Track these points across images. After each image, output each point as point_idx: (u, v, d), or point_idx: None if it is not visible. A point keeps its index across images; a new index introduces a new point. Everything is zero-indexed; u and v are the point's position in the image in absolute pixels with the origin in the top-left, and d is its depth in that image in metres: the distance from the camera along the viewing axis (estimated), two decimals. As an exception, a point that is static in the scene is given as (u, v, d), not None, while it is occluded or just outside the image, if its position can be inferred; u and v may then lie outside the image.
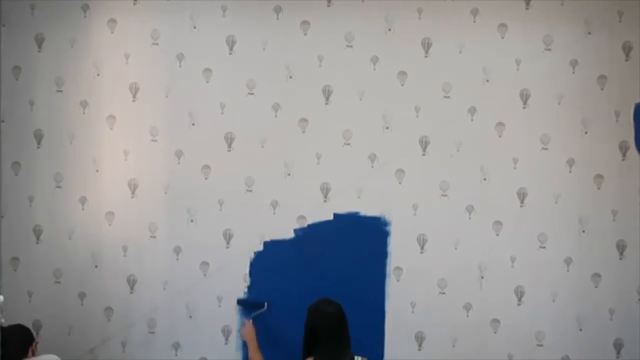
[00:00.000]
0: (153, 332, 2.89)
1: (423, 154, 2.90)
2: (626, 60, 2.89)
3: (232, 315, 2.87)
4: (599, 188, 2.88)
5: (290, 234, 2.89)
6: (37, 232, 2.91)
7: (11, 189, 2.91)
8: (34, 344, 2.40)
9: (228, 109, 2.92)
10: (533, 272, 2.87)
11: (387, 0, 2.90)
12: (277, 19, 2.92)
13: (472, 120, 2.90)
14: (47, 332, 2.90)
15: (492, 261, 2.88)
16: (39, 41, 2.92)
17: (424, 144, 2.90)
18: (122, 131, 2.92)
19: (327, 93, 2.91)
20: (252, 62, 2.91)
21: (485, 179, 2.90)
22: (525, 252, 2.88)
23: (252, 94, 2.92)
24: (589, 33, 2.90)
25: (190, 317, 2.89)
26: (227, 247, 2.90)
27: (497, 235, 2.88)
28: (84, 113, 2.92)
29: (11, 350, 2.29)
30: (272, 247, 2.88)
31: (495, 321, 2.87)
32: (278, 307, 2.85)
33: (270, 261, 2.88)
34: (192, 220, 2.91)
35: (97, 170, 2.92)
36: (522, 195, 2.88)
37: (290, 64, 2.91)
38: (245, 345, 2.70)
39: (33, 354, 2.37)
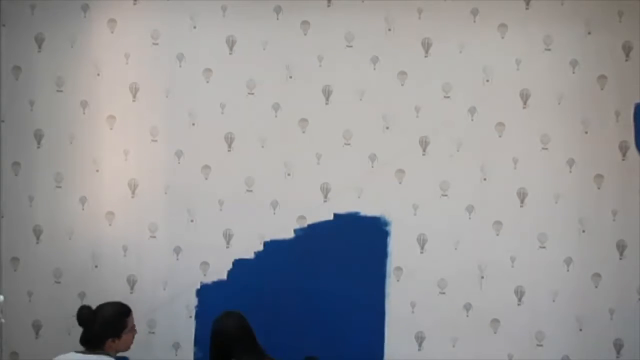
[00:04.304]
0: (153, 332, 2.89)
1: (423, 154, 2.90)
2: (626, 60, 2.89)
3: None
4: (599, 188, 2.88)
5: (290, 234, 2.89)
6: (37, 232, 2.91)
7: (11, 189, 2.91)
8: (110, 339, 2.22)
9: (228, 109, 2.92)
10: (533, 272, 2.87)
11: (387, 0, 2.90)
12: (277, 19, 2.92)
13: (472, 120, 2.90)
14: (47, 332, 2.90)
15: (492, 261, 2.88)
16: (39, 41, 2.92)
17: (424, 144, 2.90)
18: (122, 131, 2.92)
19: (327, 93, 2.91)
20: (252, 62, 2.91)
21: (485, 179, 2.90)
22: (525, 252, 2.88)
23: (252, 94, 2.92)
24: (589, 33, 2.90)
25: (190, 317, 2.89)
26: (227, 247, 2.90)
27: (497, 235, 2.88)
28: (84, 113, 2.92)
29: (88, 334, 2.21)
30: (272, 247, 2.89)
31: (495, 321, 2.87)
32: (277, 307, 2.85)
33: (270, 261, 2.88)
34: (192, 220, 2.91)
35: (97, 170, 2.92)
36: (522, 195, 2.88)
37: (290, 64, 2.91)
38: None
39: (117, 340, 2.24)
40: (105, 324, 2.24)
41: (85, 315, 2.24)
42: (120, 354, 2.44)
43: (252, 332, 2.40)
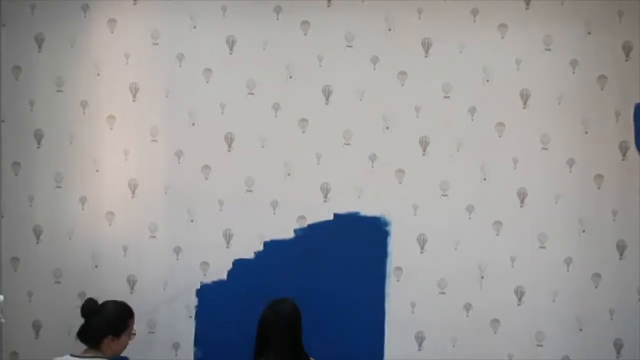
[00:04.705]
0: (153, 332, 2.89)
1: (423, 154, 2.90)
2: (626, 60, 2.89)
3: (232, 315, 2.87)
4: (599, 188, 2.88)
5: (290, 234, 2.89)
6: (37, 232, 2.91)
7: (11, 189, 2.91)
8: (109, 337, 2.21)
9: (228, 109, 2.92)
10: (533, 272, 2.87)
11: (387, 0, 2.90)
12: (277, 19, 2.92)
13: (472, 120, 2.90)
14: (47, 332, 2.90)
15: (492, 261, 2.88)
16: (39, 41, 2.92)
17: (424, 144, 2.90)
18: (122, 131, 2.92)
19: (327, 93, 2.91)
20: (252, 62, 2.91)
21: (485, 179, 2.90)
22: (525, 252, 2.88)
23: (252, 94, 2.92)
24: (589, 33, 2.90)
25: (190, 317, 2.89)
26: (227, 247, 2.90)
27: (497, 235, 2.88)
28: (84, 113, 2.92)
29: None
30: (272, 247, 2.89)
31: (495, 321, 2.87)
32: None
33: (269, 261, 2.88)
34: (192, 220, 2.91)
35: (97, 170, 2.92)
36: (522, 195, 2.88)
37: (290, 64, 2.91)
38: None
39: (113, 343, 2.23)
40: (108, 320, 2.24)
41: (90, 308, 2.25)
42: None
43: (292, 326, 2.29)
